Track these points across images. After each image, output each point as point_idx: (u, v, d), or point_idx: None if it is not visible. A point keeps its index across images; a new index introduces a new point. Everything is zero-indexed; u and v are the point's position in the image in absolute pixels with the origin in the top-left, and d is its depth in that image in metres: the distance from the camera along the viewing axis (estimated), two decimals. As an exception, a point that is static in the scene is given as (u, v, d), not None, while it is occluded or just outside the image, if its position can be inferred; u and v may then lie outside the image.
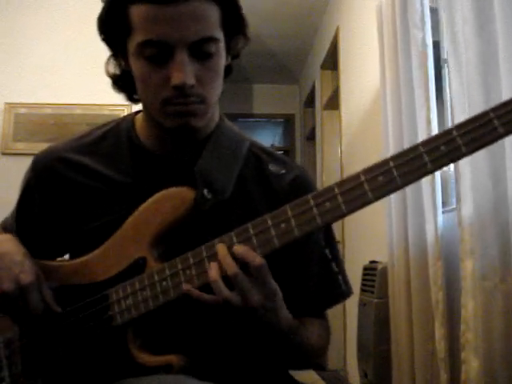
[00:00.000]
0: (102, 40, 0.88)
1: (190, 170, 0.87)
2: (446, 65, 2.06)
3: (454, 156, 0.67)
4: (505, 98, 1.25)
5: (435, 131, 1.84)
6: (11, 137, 3.28)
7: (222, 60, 0.85)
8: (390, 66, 2.17)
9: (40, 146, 1.03)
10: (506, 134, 0.65)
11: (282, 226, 0.73)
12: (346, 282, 0.96)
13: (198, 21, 0.78)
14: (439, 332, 1.71)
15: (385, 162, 0.69)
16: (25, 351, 0.89)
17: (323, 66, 4.31)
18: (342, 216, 0.71)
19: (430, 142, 0.68)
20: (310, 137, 5.15)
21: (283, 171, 0.95)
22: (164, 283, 0.79)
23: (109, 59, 0.91)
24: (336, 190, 0.71)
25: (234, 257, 0.74)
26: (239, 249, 0.74)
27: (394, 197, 2.11)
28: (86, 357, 0.85)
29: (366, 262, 2.56)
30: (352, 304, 2.97)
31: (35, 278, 0.83)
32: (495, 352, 1.36)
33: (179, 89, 0.80)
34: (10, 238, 0.91)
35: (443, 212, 1.86)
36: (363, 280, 2.51)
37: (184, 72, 0.79)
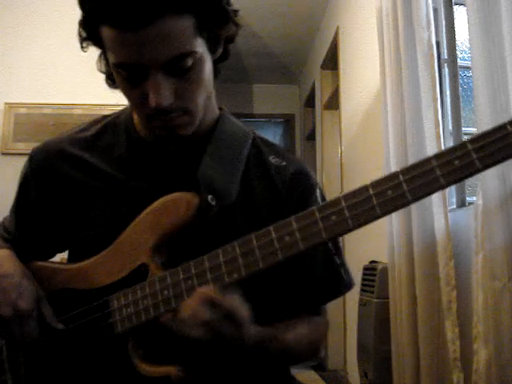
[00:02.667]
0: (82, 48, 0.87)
1: (188, 166, 0.86)
2: (445, 65, 2.06)
3: (467, 171, 0.63)
4: None
5: (441, 133, 1.83)
6: (11, 137, 3.28)
7: (204, 65, 0.81)
8: (391, 67, 2.16)
9: (40, 146, 1.03)
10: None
11: (287, 238, 0.71)
12: (348, 274, 0.96)
13: (168, 41, 0.74)
14: (453, 332, 1.70)
15: (394, 175, 0.66)
16: (27, 356, 0.88)
17: (323, 66, 4.31)
18: (348, 231, 0.69)
19: (443, 155, 0.64)
20: (310, 137, 5.15)
21: (284, 163, 0.94)
22: (165, 292, 0.77)
23: (100, 57, 0.87)
24: (343, 203, 0.68)
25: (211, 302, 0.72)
26: (210, 295, 0.72)
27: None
28: (87, 362, 0.84)
29: (366, 262, 2.56)
30: (352, 304, 2.97)
31: (33, 301, 0.83)
32: (503, 349, 1.37)
33: (157, 109, 0.78)
34: (8, 255, 0.89)
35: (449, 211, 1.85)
36: (363, 280, 2.51)
37: (159, 94, 0.76)
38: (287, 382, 0.96)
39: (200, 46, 0.79)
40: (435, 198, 1.80)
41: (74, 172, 0.92)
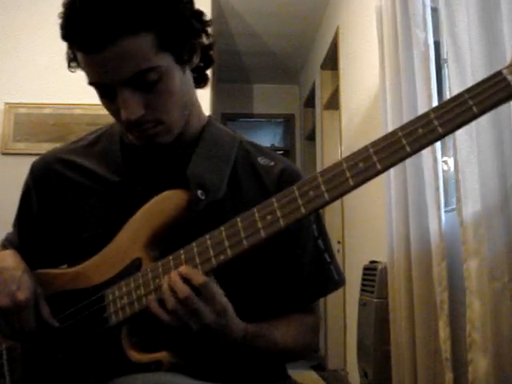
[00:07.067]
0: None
1: (179, 167, 0.89)
2: (446, 65, 2.06)
3: (431, 138, 0.67)
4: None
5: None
6: (11, 137, 3.28)
7: (172, 77, 0.84)
8: (390, 66, 2.16)
9: (40, 146, 1.06)
10: (480, 114, 0.66)
11: (268, 217, 0.74)
12: (339, 272, 0.99)
13: (127, 59, 0.79)
14: (444, 332, 1.70)
15: (365, 149, 0.70)
16: (25, 357, 0.90)
17: (323, 66, 4.31)
18: (326, 204, 0.72)
19: (408, 125, 0.68)
20: (310, 137, 5.15)
21: (272, 163, 0.97)
22: (157, 281, 0.80)
23: None
24: (319, 179, 0.72)
25: (183, 278, 0.76)
26: (184, 270, 0.76)
27: (394, 196, 2.11)
28: (82, 358, 0.86)
29: (366, 262, 2.56)
30: (352, 304, 2.97)
31: (31, 294, 0.87)
32: (504, 352, 1.36)
33: (128, 123, 0.84)
34: (12, 253, 0.94)
35: (445, 212, 1.85)
36: (363, 280, 2.51)
37: (126, 109, 0.82)
38: (282, 382, 0.96)
39: (164, 60, 0.82)
40: (430, 199, 1.81)
41: (73, 174, 0.97)
